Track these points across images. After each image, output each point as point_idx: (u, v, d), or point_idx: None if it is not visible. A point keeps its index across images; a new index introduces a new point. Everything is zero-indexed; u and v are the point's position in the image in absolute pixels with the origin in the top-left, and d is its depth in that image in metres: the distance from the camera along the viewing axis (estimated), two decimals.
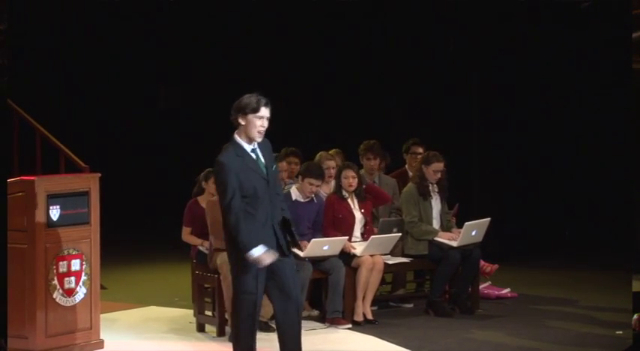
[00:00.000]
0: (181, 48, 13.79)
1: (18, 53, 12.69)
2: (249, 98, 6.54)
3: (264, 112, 6.51)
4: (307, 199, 8.75)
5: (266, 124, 6.52)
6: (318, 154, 9.40)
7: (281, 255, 6.57)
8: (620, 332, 8.26)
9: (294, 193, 8.78)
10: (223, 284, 8.16)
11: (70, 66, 13.50)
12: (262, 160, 6.57)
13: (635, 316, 7.00)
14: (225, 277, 8.18)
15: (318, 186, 8.72)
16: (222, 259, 8.25)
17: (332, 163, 9.21)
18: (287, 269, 6.65)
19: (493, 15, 11.83)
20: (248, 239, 6.40)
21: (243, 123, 6.51)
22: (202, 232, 8.67)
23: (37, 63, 13.11)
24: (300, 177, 8.78)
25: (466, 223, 9.02)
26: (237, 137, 6.56)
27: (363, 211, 9.00)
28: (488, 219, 9.14)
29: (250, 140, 6.53)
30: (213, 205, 8.41)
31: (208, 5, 13.05)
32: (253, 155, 6.54)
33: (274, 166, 6.67)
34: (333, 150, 9.60)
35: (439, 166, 9.13)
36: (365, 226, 9.05)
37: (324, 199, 9.01)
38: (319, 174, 8.74)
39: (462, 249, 9.00)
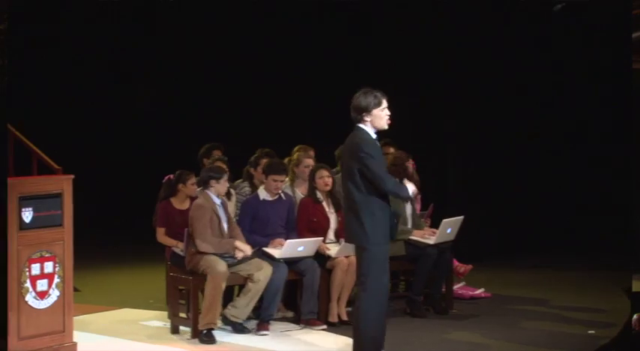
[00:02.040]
0: (157, 48, 13.74)
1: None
2: (367, 97, 7.08)
3: (386, 103, 7.13)
4: (275, 197, 8.75)
5: (388, 113, 7.09)
6: (295, 153, 9.36)
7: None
8: (592, 331, 8.31)
9: (262, 193, 8.79)
10: (208, 285, 8.13)
11: (43, 67, 13.42)
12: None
13: (635, 316, 7.03)
14: (213, 278, 8.15)
15: (282, 182, 8.73)
16: (208, 262, 8.21)
17: (310, 161, 9.20)
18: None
19: (475, 11, 11.83)
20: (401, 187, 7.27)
21: (368, 119, 7.06)
22: (176, 233, 8.65)
23: (9, 64, 13.01)
24: (264, 175, 8.79)
25: (444, 220, 9.06)
26: (362, 127, 7.10)
27: (337, 213, 9.00)
28: (462, 217, 9.18)
29: (375, 131, 7.11)
30: (199, 208, 8.37)
31: (184, 5, 13.02)
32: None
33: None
34: (300, 146, 9.54)
35: (402, 157, 9.15)
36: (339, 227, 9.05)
37: (299, 198, 9.02)
38: (282, 169, 8.79)
39: (438, 246, 9.03)
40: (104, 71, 13.89)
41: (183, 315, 8.54)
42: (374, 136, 7.09)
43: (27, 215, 7.37)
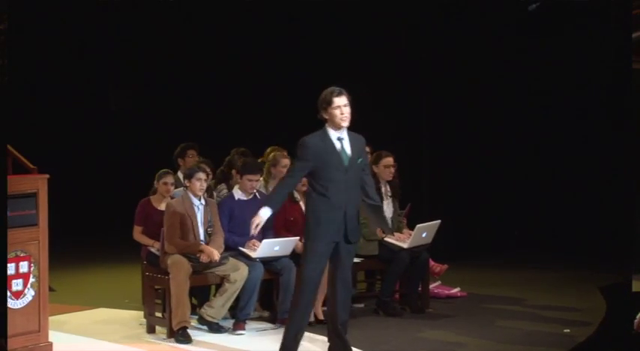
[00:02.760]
0: (132, 49, 13.71)
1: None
2: (326, 95, 7.13)
3: (338, 101, 7.08)
4: (250, 197, 8.75)
5: (345, 109, 7.07)
6: (270, 153, 9.36)
7: (345, 241, 7.13)
8: (568, 330, 8.34)
9: (237, 193, 8.79)
10: (172, 284, 8.14)
11: (18, 67, 13.35)
12: (347, 150, 7.11)
13: (638, 317, 7.05)
14: (175, 277, 8.16)
15: (257, 181, 8.74)
16: (172, 260, 8.24)
17: (287, 161, 9.19)
18: (348, 258, 7.21)
19: (451, 11, 11.86)
20: (271, 197, 7.32)
21: (326, 116, 7.12)
22: (154, 233, 8.64)
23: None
24: (238, 175, 8.79)
25: (418, 226, 9.06)
26: (326, 126, 7.15)
27: None
28: (439, 221, 9.18)
29: (337, 129, 7.11)
30: (169, 209, 8.38)
31: (159, 6, 13.00)
32: (338, 144, 7.12)
33: (360, 160, 7.17)
34: (272, 147, 9.55)
35: (389, 160, 9.15)
36: None
37: None
38: (258, 168, 8.83)
39: (412, 250, 9.04)
40: (79, 71, 13.85)
41: (159, 314, 8.52)
42: (336, 134, 7.12)
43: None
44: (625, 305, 7.49)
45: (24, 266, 7.47)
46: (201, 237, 8.46)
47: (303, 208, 8.91)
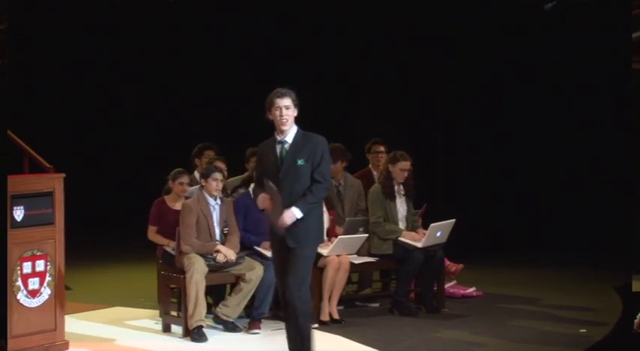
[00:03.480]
0: (147, 48, 13.74)
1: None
2: (268, 96, 6.98)
3: (279, 102, 6.91)
4: None
5: (284, 112, 6.91)
6: None
7: (285, 247, 6.90)
8: (584, 330, 8.32)
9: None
10: (188, 284, 8.16)
11: (35, 66, 13.41)
12: (286, 151, 6.92)
13: (638, 317, 7.03)
14: (191, 276, 8.18)
15: None
16: (188, 259, 8.25)
17: None
18: (287, 260, 6.93)
19: (465, 14, 11.86)
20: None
21: (269, 118, 6.98)
22: (169, 232, 8.65)
23: (9, 64, 13.01)
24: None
25: (432, 225, 9.05)
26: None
27: (328, 212, 9.00)
28: (453, 220, 9.17)
29: (279, 132, 6.96)
30: (185, 208, 8.39)
31: (174, 6, 13.02)
32: (278, 147, 6.95)
33: (300, 161, 6.90)
34: None
35: (406, 165, 9.15)
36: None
37: None
38: None
39: (426, 249, 9.03)
40: (94, 71, 13.88)
41: (174, 313, 8.53)
42: (278, 137, 6.95)
43: (18, 214, 7.36)
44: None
45: (40, 265, 7.50)
46: (217, 237, 8.47)
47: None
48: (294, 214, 6.85)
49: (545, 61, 12.08)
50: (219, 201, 8.51)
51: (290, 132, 6.97)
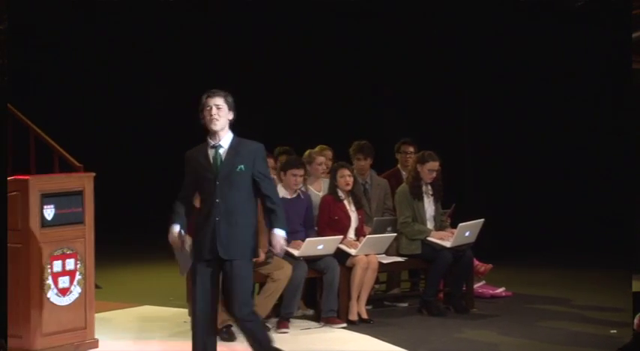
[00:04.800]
0: (172, 46, 13.77)
1: (14, 53, 12.69)
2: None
3: (209, 101, 6.58)
4: (295, 195, 8.76)
5: (214, 111, 6.55)
6: (306, 153, 9.39)
7: (219, 259, 6.48)
8: (614, 331, 8.28)
9: (280, 191, 8.78)
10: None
11: (65, 65, 13.49)
12: (222, 158, 6.53)
13: (638, 317, 7.00)
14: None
15: (301, 175, 8.74)
16: None
17: (322, 159, 9.21)
18: (227, 280, 6.50)
19: (487, 14, 11.84)
20: (173, 218, 6.66)
21: (203, 121, 6.63)
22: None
23: (32, 63, 13.10)
24: (282, 173, 8.80)
25: (460, 224, 9.04)
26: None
27: (357, 211, 9.00)
28: (482, 220, 9.15)
29: (212, 136, 6.58)
30: None
31: (198, 5, 13.05)
32: (212, 151, 6.56)
33: (240, 167, 6.51)
34: (319, 146, 9.57)
35: (434, 165, 9.13)
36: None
37: (313, 196, 9.02)
38: (300, 163, 8.82)
39: (455, 249, 9.02)
40: (122, 70, 13.93)
41: None
42: (211, 141, 6.58)
43: (49, 212, 7.41)
44: None
45: (70, 263, 7.55)
46: None
47: (347, 206, 8.94)
48: (281, 235, 6.62)
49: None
50: None
51: (225, 137, 6.57)
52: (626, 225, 9.01)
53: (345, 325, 8.61)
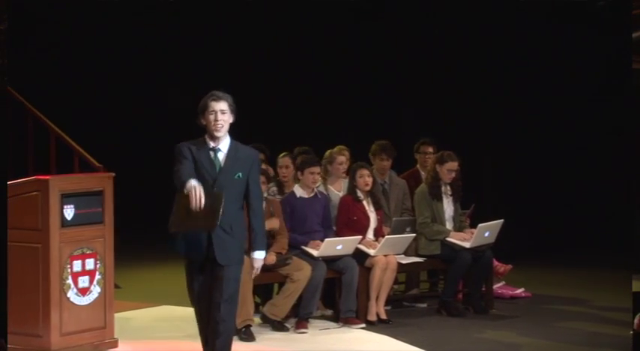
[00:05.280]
0: (193, 47, 13.80)
1: (33, 53, 12.77)
2: (203, 99, 6.44)
3: (214, 106, 6.37)
4: (312, 195, 8.77)
5: (219, 116, 6.34)
6: (327, 153, 9.40)
7: (212, 263, 6.36)
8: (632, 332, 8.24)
9: (298, 191, 8.80)
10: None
11: (85, 66, 13.54)
12: (221, 163, 6.35)
13: (638, 317, 6.99)
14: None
15: (318, 173, 8.74)
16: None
17: (343, 158, 9.20)
18: (220, 283, 6.39)
19: (503, 15, 11.84)
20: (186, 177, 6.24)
21: (203, 122, 6.42)
22: None
23: (52, 63, 13.16)
24: (299, 172, 8.80)
25: (479, 225, 9.02)
26: (206, 135, 6.45)
27: (376, 212, 9.00)
28: (501, 221, 9.14)
29: (214, 139, 6.37)
30: None
31: (218, 6, 13.08)
32: (211, 153, 6.36)
33: (239, 175, 6.34)
34: (338, 146, 9.58)
35: (453, 165, 9.12)
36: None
37: (333, 196, 9.03)
38: (317, 161, 8.84)
39: (474, 250, 9.00)
40: (142, 70, 13.97)
41: None
42: (211, 143, 6.35)
43: (68, 212, 7.44)
44: None
45: (90, 263, 7.58)
46: None
47: (366, 207, 8.94)
48: (262, 258, 6.50)
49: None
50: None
51: (224, 140, 6.38)
52: (626, 223, 8.99)
53: (363, 325, 8.61)
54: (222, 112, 6.35)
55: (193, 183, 6.15)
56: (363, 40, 12.90)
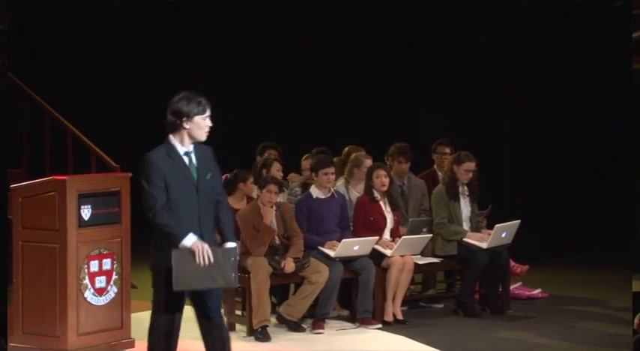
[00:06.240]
0: (213, 46, 13.82)
1: (52, 54, 12.81)
2: (190, 102, 6.17)
3: (208, 111, 6.18)
4: (329, 195, 8.76)
5: (209, 122, 6.18)
6: (348, 152, 9.38)
7: None
8: None
9: (314, 192, 8.79)
10: (253, 284, 8.20)
11: (103, 66, 13.57)
12: (195, 165, 6.14)
13: (638, 317, 6.96)
14: (255, 276, 8.22)
15: (332, 173, 8.73)
16: (253, 260, 8.28)
17: (370, 162, 9.14)
18: (210, 294, 6.32)
19: (520, 15, 11.82)
20: (178, 230, 6.03)
21: (187, 126, 6.13)
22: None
23: (69, 65, 13.19)
24: (314, 173, 8.79)
25: (496, 226, 9.00)
26: (171, 138, 6.20)
27: (393, 212, 8.99)
28: (518, 221, 9.11)
29: (187, 143, 6.15)
30: (241, 218, 8.38)
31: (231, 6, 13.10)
32: (186, 159, 6.14)
33: (209, 175, 6.15)
34: (348, 147, 9.55)
35: (471, 165, 9.10)
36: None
37: (354, 198, 9.02)
38: (329, 161, 8.83)
39: (491, 250, 8.98)
40: (159, 71, 13.99)
41: (238, 313, 8.58)
42: (183, 148, 6.12)
43: (85, 212, 7.45)
44: None
45: (107, 263, 7.60)
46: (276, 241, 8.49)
47: (383, 207, 8.93)
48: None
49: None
50: (274, 208, 8.49)
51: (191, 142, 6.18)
52: (626, 222, 8.96)
53: (380, 325, 8.61)
54: (210, 119, 6.20)
55: (194, 242, 6.00)
56: (383, 41, 12.88)
